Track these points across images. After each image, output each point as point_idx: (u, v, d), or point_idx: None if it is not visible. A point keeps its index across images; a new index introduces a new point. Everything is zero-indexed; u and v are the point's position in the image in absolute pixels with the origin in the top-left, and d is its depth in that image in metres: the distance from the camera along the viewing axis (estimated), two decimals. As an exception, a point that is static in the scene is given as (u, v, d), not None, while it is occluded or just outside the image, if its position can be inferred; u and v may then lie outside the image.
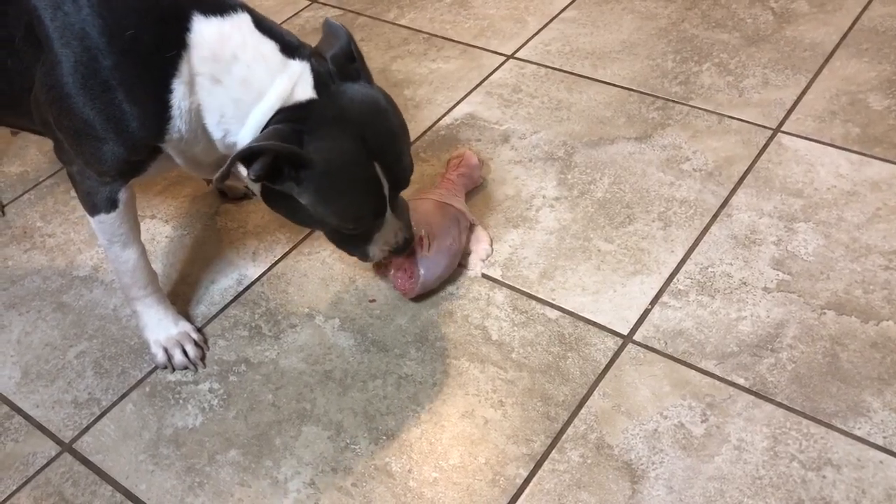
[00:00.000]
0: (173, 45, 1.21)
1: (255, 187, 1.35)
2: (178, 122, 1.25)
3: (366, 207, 1.33)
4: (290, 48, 1.27)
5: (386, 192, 1.32)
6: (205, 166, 1.38)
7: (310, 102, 1.25)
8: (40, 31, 1.21)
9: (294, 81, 1.25)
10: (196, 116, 1.26)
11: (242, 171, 1.27)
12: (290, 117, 1.25)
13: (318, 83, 1.26)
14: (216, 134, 1.29)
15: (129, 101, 1.22)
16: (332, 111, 1.26)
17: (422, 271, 1.51)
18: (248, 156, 1.21)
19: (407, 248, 1.43)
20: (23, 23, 1.23)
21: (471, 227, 1.64)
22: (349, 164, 1.27)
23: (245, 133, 1.27)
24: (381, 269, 1.60)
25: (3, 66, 1.28)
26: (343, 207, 1.31)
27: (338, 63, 1.29)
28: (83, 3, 1.19)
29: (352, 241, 1.40)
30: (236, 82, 1.24)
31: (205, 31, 1.23)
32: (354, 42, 1.32)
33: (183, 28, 1.22)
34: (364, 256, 1.42)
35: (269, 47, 1.26)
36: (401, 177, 1.34)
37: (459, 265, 1.60)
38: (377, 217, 1.35)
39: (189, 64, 1.22)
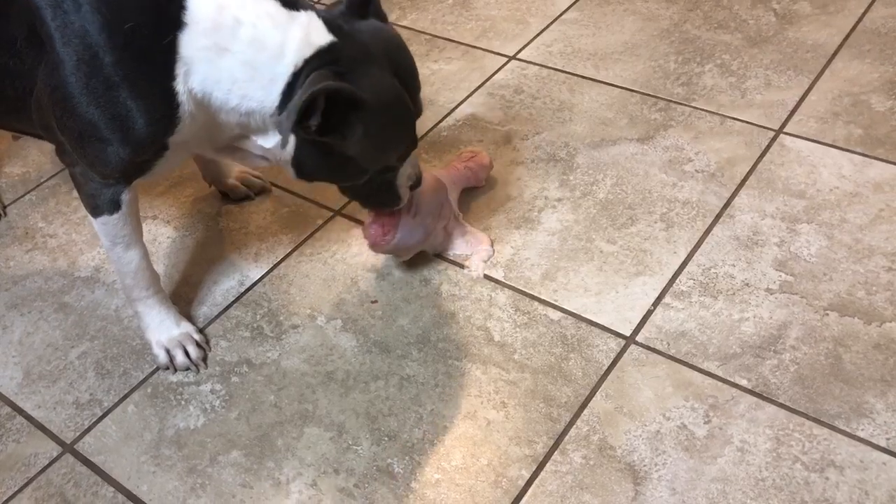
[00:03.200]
0: (171, 29, 1.20)
1: (286, 156, 1.31)
2: (187, 105, 1.23)
3: (408, 138, 1.37)
4: (290, 2, 1.25)
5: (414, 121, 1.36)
6: (216, 146, 1.37)
7: (331, 46, 1.24)
8: (43, 32, 1.21)
9: (306, 30, 1.23)
10: (204, 94, 1.24)
11: (260, 141, 1.28)
12: (321, 63, 1.22)
13: (331, 27, 1.25)
14: (231, 102, 1.25)
15: (134, 96, 1.21)
16: (358, 50, 1.26)
17: (398, 233, 1.51)
18: (307, 105, 1.17)
19: (420, 184, 1.48)
20: (25, 23, 1.22)
21: (447, 225, 1.62)
22: (395, 99, 1.30)
23: (272, 91, 1.24)
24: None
25: (6, 69, 1.28)
26: (391, 143, 1.34)
27: (351, 6, 1.30)
28: (82, 1, 1.18)
29: (381, 187, 1.42)
30: (245, 45, 1.21)
31: (201, 5, 1.20)
32: None
33: (179, 7, 1.20)
34: (396, 199, 1.45)
35: (271, 4, 1.23)
36: (420, 107, 1.38)
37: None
38: (414, 148, 1.39)
39: (190, 42, 1.20)
